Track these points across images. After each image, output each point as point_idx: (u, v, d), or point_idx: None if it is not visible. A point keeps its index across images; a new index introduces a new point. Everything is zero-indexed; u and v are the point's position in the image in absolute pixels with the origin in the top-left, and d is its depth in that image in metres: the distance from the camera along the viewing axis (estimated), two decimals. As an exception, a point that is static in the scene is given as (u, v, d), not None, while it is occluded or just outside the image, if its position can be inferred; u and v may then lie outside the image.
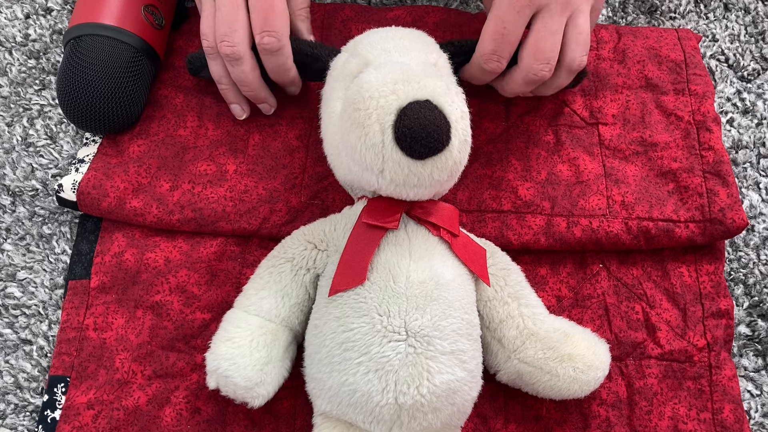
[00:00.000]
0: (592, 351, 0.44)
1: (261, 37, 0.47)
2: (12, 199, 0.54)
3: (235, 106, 0.53)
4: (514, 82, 0.50)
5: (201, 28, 0.49)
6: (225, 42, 0.47)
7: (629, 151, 0.55)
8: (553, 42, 0.47)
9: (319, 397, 0.42)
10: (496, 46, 0.47)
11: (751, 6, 0.64)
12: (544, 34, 0.46)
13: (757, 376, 0.51)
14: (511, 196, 0.52)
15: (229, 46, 0.47)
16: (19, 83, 0.58)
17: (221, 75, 0.51)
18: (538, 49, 0.47)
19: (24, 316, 0.50)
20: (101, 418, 0.46)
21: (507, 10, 0.46)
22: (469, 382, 0.41)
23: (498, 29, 0.46)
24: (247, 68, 0.49)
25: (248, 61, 0.49)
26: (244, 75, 0.49)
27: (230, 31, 0.47)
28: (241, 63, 0.48)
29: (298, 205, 0.52)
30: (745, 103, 0.60)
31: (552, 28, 0.46)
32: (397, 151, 0.38)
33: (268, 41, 0.47)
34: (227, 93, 0.52)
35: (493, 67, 0.48)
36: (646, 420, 0.48)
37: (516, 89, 0.51)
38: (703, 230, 0.51)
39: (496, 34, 0.46)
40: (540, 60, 0.47)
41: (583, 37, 0.48)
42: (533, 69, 0.47)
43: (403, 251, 0.42)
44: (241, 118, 0.54)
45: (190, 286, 0.50)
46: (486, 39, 0.47)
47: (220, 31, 0.48)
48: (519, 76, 0.49)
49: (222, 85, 0.52)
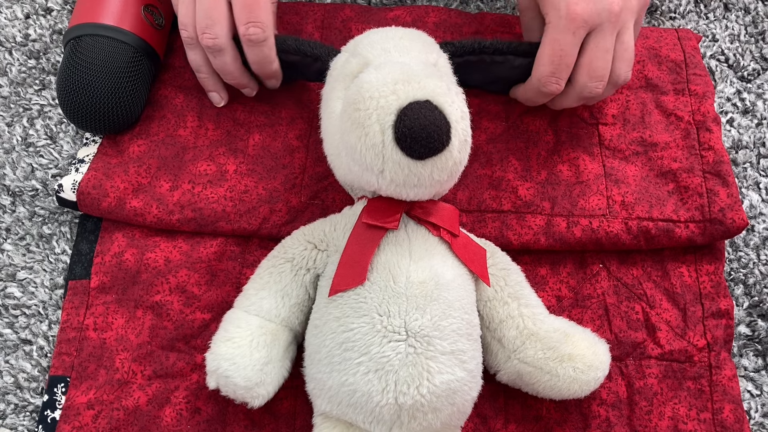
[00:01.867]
0: (592, 351, 0.44)
1: (246, 28, 0.47)
2: (12, 199, 0.54)
3: (214, 95, 0.54)
4: (567, 99, 0.51)
5: (179, 18, 0.49)
6: (206, 34, 0.48)
7: (629, 151, 0.55)
8: (605, 60, 0.48)
9: (319, 397, 0.42)
10: (555, 68, 0.48)
11: (751, 6, 0.64)
12: (597, 53, 0.47)
13: (757, 376, 0.51)
14: (511, 196, 0.52)
15: (211, 38, 0.48)
16: (19, 83, 0.58)
17: (200, 64, 0.52)
18: (592, 68, 0.48)
19: (24, 316, 0.50)
20: (101, 418, 0.46)
21: (563, 32, 0.46)
22: (469, 382, 0.41)
23: (556, 51, 0.47)
24: (228, 59, 0.49)
25: (230, 52, 0.49)
26: (226, 65, 0.50)
27: (212, 23, 0.47)
28: (223, 54, 0.49)
29: (298, 205, 0.52)
30: (745, 103, 0.60)
31: (605, 47, 0.47)
32: (397, 151, 0.38)
33: (254, 32, 0.47)
34: (206, 82, 0.53)
35: (553, 89, 0.49)
36: (646, 420, 0.48)
37: (567, 105, 0.52)
38: (703, 230, 0.51)
39: (554, 56, 0.47)
40: (594, 78, 0.48)
41: (629, 54, 0.49)
42: (588, 87, 0.49)
43: (403, 251, 0.42)
44: (219, 105, 0.54)
45: (190, 286, 0.50)
46: (544, 62, 0.48)
47: (201, 23, 0.48)
48: (573, 94, 0.50)
49: (201, 74, 0.52)
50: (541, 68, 0.48)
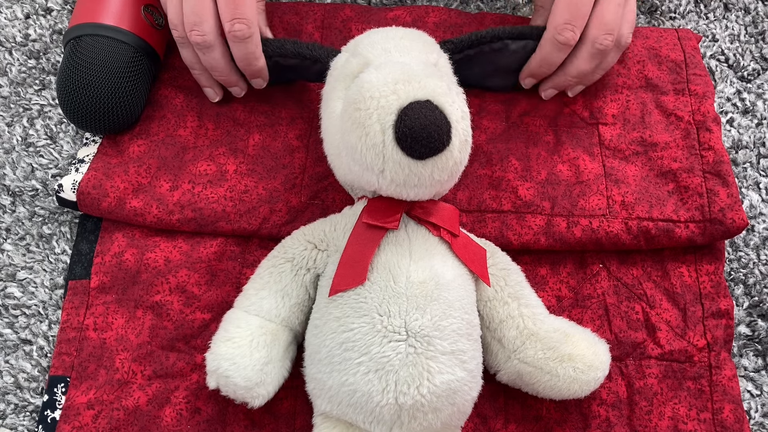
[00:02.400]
0: (592, 351, 0.44)
1: (231, 24, 0.47)
2: (12, 199, 0.54)
3: (209, 90, 0.54)
4: (580, 58, 0.51)
5: (168, 17, 0.50)
6: (195, 31, 0.48)
7: (629, 151, 0.55)
8: (616, 12, 0.49)
9: (319, 397, 0.42)
10: (571, 16, 0.49)
11: (751, 6, 0.64)
12: (609, 6, 0.49)
13: (757, 376, 0.51)
14: (511, 196, 0.52)
15: (200, 35, 0.48)
16: (19, 83, 0.58)
17: (193, 61, 0.52)
18: (604, 20, 0.49)
19: (24, 316, 0.50)
20: (101, 418, 0.46)
21: None
22: (469, 382, 0.41)
23: (572, 1, 0.48)
24: (217, 55, 0.50)
25: (219, 49, 0.49)
26: (215, 62, 0.50)
27: (199, 21, 0.48)
28: (211, 51, 0.49)
29: (298, 205, 0.52)
30: (745, 103, 0.60)
31: (616, 1, 0.49)
32: (397, 151, 0.38)
33: (239, 28, 0.47)
34: (200, 78, 0.53)
35: (569, 36, 0.49)
36: (646, 420, 0.48)
37: (582, 67, 0.52)
38: (703, 230, 0.51)
39: (570, 5, 0.48)
40: (605, 30, 0.49)
41: (632, 16, 0.51)
42: (599, 39, 0.49)
43: (404, 251, 0.42)
44: (214, 100, 0.55)
45: (190, 286, 0.50)
46: (560, 10, 0.49)
47: (189, 21, 0.48)
48: (585, 49, 0.51)
49: (195, 71, 0.53)
50: (558, 17, 0.49)
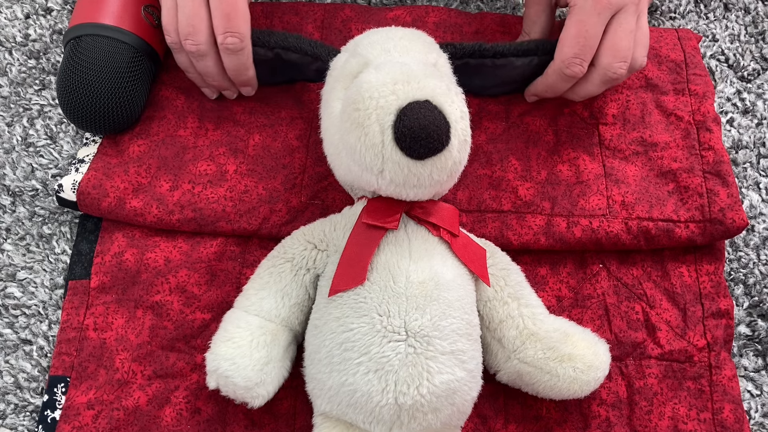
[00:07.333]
0: (592, 351, 0.44)
1: (224, 37, 0.48)
2: (12, 199, 0.54)
3: (206, 89, 0.55)
4: (590, 84, 0.51)
5: (163, 23, 0.50)
6: (189, 41, 0.49)
7: (629, 151, 0.55)
8: (629, 41, 0.49)
9: (319, 397, 0.42)
10: (579, 50, 0.48)
11: (751, 6, 0.64)
12: (622, 34, 0.48)
13: (757, 376, 0.51)
14: (511, 196, 0.52)
15: (194, 45, 0.49)
16: (19, 83, 0.58)
17: (188, 66, 0.53)
18: (616, 48, 0.48)
19: (24, 316, 0.50)
20: (101, 418, 0.46)
21: (589, 14, 0.47)
22: (469, 382, 0.41)
23: (581, 33, 0.48)
24: (210, 63, 0.50)
25: (212, 57, 0.50)
26: (208, 69, 0.51)
27: (194, 31, 0.48)
28: (205, 59, 0.50)
29: (298, 205, 0.52)
30: (745, 103, 0.60)
31: (628, 28, 0.48)
32: (396, 151, 0.38)
33: (232, 41, 0.48)
34: (196, 79, 0.54)
35: (576, 71, 0.49)
36: (646, 420, 0.48)
37: (591, 90, 0.52)
38: (703, 230, 0.51)
39: (579, 37, 0.48)
40: (619, 58, 0.49)
41: (645, 39, 0.50)
42: (612, 68, 0.49)
43: (403, 251, 0.42)
44: (212, 98, 0.55)
45: (190, 286, 0.50)
46: (569, 43, 0.48)
47: (183, 31, 0.49)
48: (596, 77, 0.50)
49: (190, 74, 0.54)
50: (566, 50, 0.49)
